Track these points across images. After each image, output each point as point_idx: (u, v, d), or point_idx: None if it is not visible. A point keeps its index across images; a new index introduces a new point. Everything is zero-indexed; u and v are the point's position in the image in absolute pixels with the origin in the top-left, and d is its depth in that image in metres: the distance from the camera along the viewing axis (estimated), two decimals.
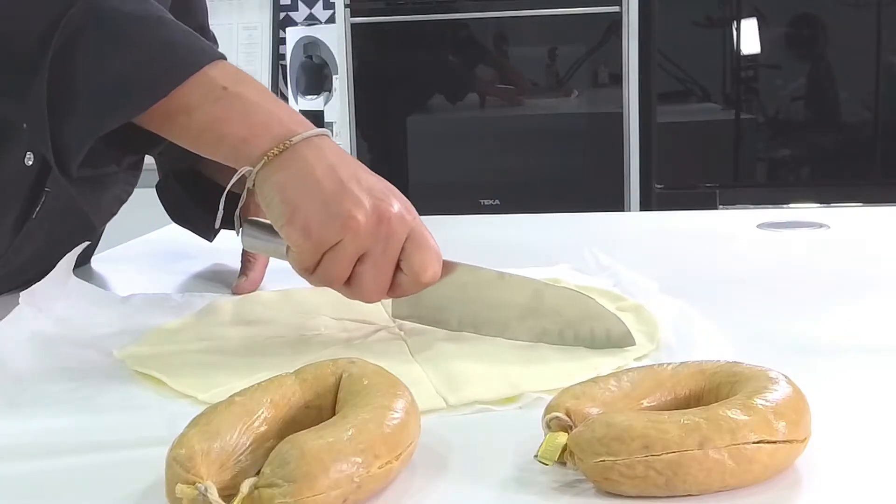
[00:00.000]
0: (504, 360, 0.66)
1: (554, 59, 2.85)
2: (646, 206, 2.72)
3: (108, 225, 1.04)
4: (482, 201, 2.78)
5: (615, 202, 2.71)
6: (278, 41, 3.18)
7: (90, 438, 0.56)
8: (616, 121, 2.74)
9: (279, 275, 0.85)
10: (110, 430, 0.57)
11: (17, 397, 0.63)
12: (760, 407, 0.47)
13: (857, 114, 2.77)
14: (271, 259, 0.87)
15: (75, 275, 0.81)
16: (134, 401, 0.62)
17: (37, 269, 0.81)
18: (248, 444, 0.48)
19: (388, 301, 0.73)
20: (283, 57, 3.15)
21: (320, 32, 3.09)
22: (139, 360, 0.68)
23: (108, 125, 0.69)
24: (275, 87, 3.11)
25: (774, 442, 0.46)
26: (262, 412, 0.49)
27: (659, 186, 2.75)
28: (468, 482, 0.49)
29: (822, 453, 0.50)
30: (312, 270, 0.67)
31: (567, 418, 0.49)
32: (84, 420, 0.59)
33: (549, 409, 0.50)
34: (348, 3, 2.79)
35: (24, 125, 0.72)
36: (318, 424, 0.48)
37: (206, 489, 0.43)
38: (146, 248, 1.13)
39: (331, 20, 3.15)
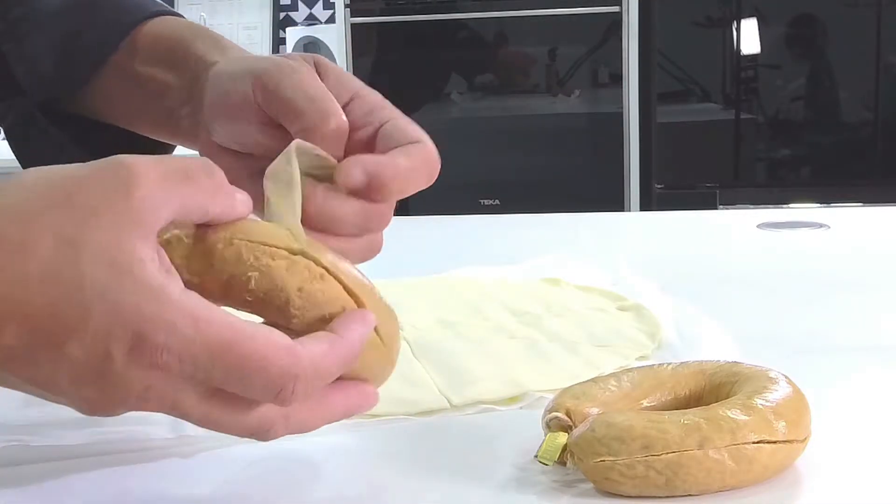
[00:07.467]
0: (506, 359, 0.66)
1: (554, 59, 2.85)
2: (646, 206, 2.72)
3: None
4: (482, 201, 2.78)
5: (615, 202, 2.71)
6: (278, 41, 3.18)
7: (93, 439, 0.56)
8: (616, 121, 2.74)
9: None
10: (114, 431, 0.57)
11: (19, 399, 0.63)
12: (760, 407, 0.47)
13: (857, 114, 2.78)
14: None
15: None
16: None
17: None
18: None
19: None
20: None
21: (320, 32, 3.09)
22: None
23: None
24: None
25: (774, 442, 0.46)
26: None
27: (659, 186, 2.75)
28: (468, 482, 0.49)
29: (822, 453, 0.50)
30: None
31: (567, 418, 0.49)
32: (87, 421, 0.59)
33: (548, 410, 0.50)
34: (348, 3, 2.79)
35: None
36: None
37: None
38: None
39: (331, 20, 3.15)
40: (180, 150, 0.66)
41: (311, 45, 3.07)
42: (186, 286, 0.41)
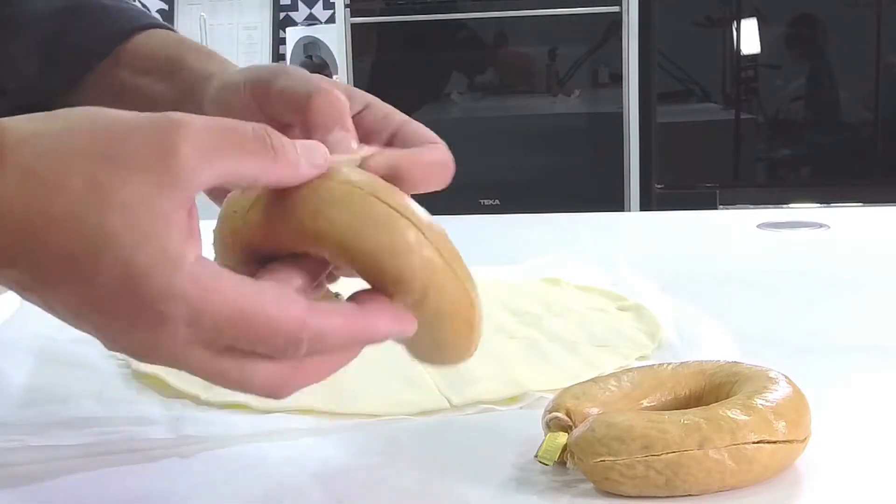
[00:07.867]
0: (506, 359, 0.66)
1: (554, 59, 2.85)
2: (646, 206, 2.72)
3: None
4: (482, 201, 2.78)
5: (615, 202, 2.71)
6: (278, 41, 3.18)
7: (93, 439, 0.56)
8: (616, 121, 2.74)
9: None
10: (114, 431, 0.57)
11: (19, 399, 0.63)
12: (760, 407, 0.47)
13: (857, 114, 2.78)
14: None
15: None
16: (136, 401, 0.62)
17: None
18: None
19: None
20: (283, 57, 3.15)
21: (320, 32, 3.10)
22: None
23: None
24: None
25: (774, 442, 0.47)
26: None
27: (659, 186, 2.75)
28: (468, 482, 0.49)
29: (822, 453, 0.50)
30: None
31: (567, 418, 0.49)
32: (87, 421, 0.59)
33: (548, 410, 0.50)
34: (348, 3, 2.79)
35: None
36: None
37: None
38: None
39: (331, 20, 3.15)
40: None
41: (311, 45, 3.08)
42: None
